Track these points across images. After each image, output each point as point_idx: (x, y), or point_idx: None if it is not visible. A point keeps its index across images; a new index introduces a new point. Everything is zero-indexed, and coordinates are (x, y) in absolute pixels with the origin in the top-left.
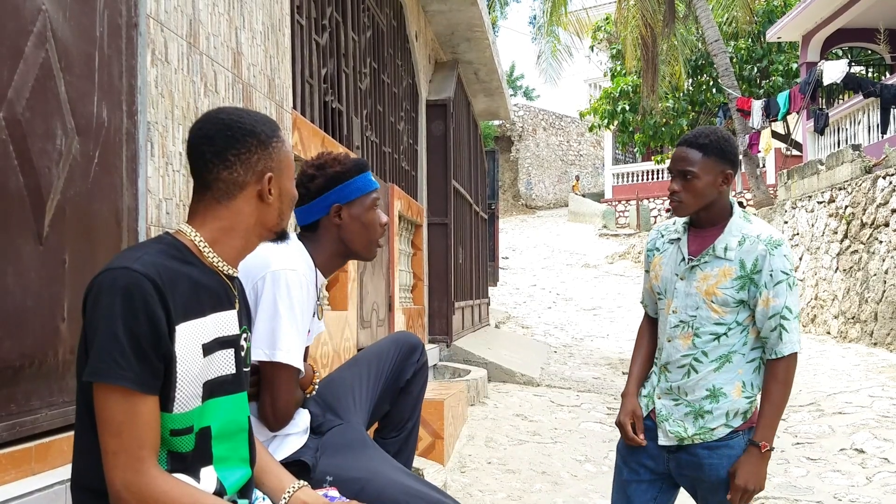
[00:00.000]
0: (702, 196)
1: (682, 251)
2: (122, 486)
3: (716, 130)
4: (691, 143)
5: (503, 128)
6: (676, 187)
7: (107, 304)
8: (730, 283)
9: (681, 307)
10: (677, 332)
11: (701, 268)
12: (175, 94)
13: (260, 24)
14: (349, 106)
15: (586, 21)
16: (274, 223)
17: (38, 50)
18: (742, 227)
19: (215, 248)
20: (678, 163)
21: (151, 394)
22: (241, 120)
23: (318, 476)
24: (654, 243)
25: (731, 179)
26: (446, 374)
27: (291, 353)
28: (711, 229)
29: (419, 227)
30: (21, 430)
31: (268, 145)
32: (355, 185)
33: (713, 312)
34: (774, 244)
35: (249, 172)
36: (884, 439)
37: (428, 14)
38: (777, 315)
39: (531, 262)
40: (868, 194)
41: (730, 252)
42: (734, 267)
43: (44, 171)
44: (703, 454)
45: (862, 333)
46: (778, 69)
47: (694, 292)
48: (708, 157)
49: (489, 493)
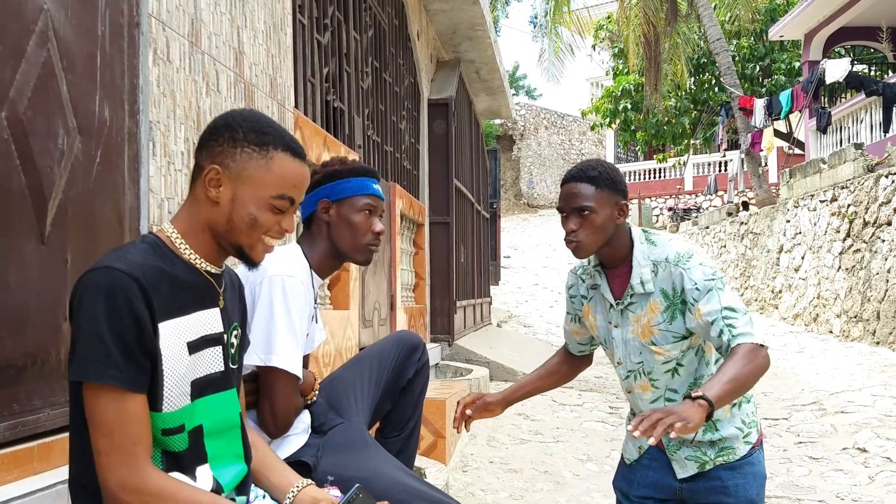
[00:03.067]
0: (601, 231)
1: (607, 297)
2: (117, 485)
3: (601, 162)
4: (580, 178)
5: (505, 127)
6: (574, 226)
7: (90, 305)
8: (660, 316)
9: (623, 356)
10: (632, 382)
11: (630, 310)
12: (177, 94)
13: (262, 23)
14: (351, 105)
15: (588, 20)
16: (222, 229)
17: (39, 49)
18: (649, 252)
19: (189, 242)
20: (571, 199)
21: (139, 392)
22: (237, 117)
23: (319, 475)
24: (578, 289)
25: (626, 211)
26: (448, 373)
27: (288, 359)
28: (623, 266)
29: (421, 226)
30: (23, 429)
31: (237, 145)
32: (348, 184)
33: (656, 354)
34: (685, 258)
35: (207, 158)
36: (886, 438)
37: (429, 13)
38: (718, 318)
39: (533, 261)
40: (870, 193)
41: (647, 285)
42: (658, 299)
43: (46, 171)
44: (726, 476)
45: (864, 332)
46: (780, 68)
47: (631, 338)
48: (601, 189)
49: (491, 493)
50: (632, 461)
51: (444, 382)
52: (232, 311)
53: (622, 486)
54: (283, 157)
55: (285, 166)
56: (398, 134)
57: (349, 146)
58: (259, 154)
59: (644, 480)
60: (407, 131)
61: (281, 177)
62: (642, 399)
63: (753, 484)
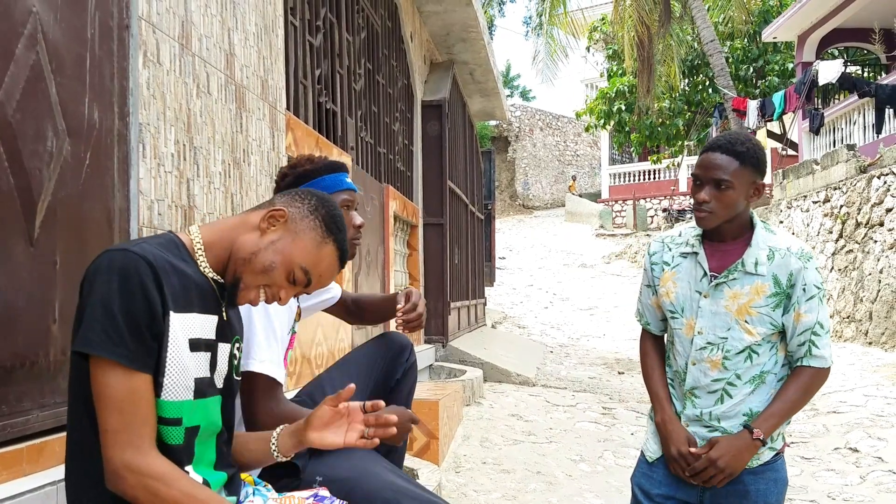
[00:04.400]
0: (733, 208)
1: (703, 266)
2: (121, 464)
3: (750, 138)
4: (727, 150)
5: (500, 128)
6: (706, 196)
7: (104, 282)
8: (764, 300)
9: (707, 328)
10: (704, 354)
11: (729, 285)
12: (167, 96)
13: (253, 25)
14: (343, 107)
15: (583, 21)
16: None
17: (28, 52)
18: (767, 239)
19: (207, 251)
20: (711, 170)
21: (146, 372)
22: (327, 203)
23: (307, 477)
24: (661, 256)
25: (761, 191)
26: (442, 375)
27: (266, 364)
28: (732, 243)
29: (415, 227)
30: (12, 431)
31: (312, 215)
32: (322, 182)
33: (746, 334)
34: (807, 257)
35: (285, 204)
36: (878, 438)
37: (423, 15)
38: (808, 331)
39: (528, 262)
40: (863, 194)
41: (760, 267)
42: (768, 283)
43: (35, 173)
44: (748, 480)
45: (857, 333)
46: (773, 69)
47: (723, 311)
48: (744, 166)
49: (484, 493)
50: (654, 459)
51: (437, 384)
52: (234, 323)
53: (643, 483)
54: (332, 252)
55: (328, 258)
56: (391, 135)
57: (342, 148)
58: (320, 234)
59: (666, 478)
60: (400, 133)
61: (318, 261)
62: (707, 374)
63: (774, 490)
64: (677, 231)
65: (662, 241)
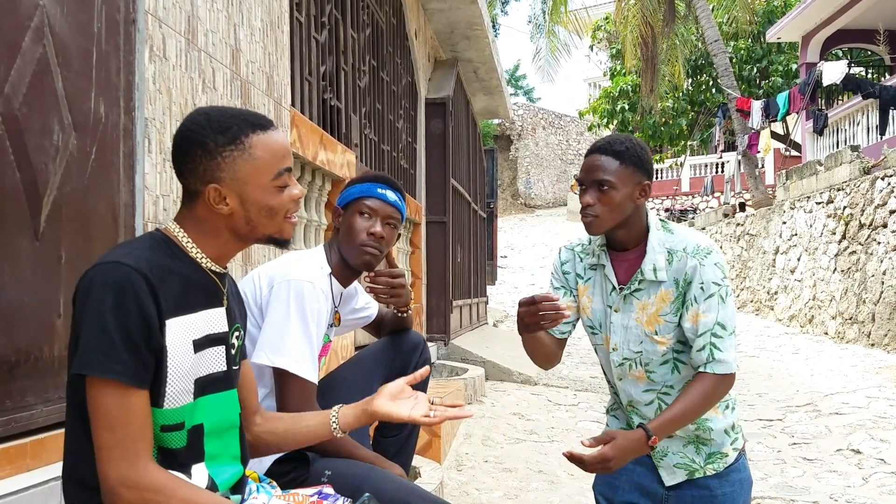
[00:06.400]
0: (619, 210)
1: (610, 279)
2: (117, 480)
3: (630, 137)
4: (606, 151)
5: (502, 126)
6: (591, 200)
7: (97, 299)
8: (669, 307)
9: (621, 343)
10: (625, 370)
11: (636, 296)
12: (173, 91)
13: (259, 20)
14: (348, 104)
15: (586, 20)
16: (244, 231)
17: (35, 45)
18: (665, 240)
19: (198, 243)
20: (592, 172)
21: (143, 388)
22: (196, 127)
23: (316, 471)
24: (574, 266)
25: (648, 192)
26: (444, 373)
27: (299, 364)
28: (634, 251)
29: (417, 225)
30: (16, 425)
31: (215, 155)
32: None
33: (658, 345)
34: (704, 253)
35: (198, 182)
36: (880, 440)
37: (427, 12)
38: (708, 332)
39: (530, 261)
40: (866, 195)
41: (660, 272)
42: (671, 289)
43: (40, 168)
44: (714, 485)
45: (859, 334)
46: (777, 70)
47: (633, 325)
48: (625, 165)
49: (486, 492)
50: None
51: (439, 382)
52: (234, 312)
53: (605, 491)
54: (257, 139)
55: (265, 145)
56: (395, 133)
57: (346, 145)
58: (238, 150)
59: (629, 485)
60: (404, 130)
61: (267, 157)
62: (635, 387)
63: (741, 492)
64: (587, 238)
65: (573, 250)
